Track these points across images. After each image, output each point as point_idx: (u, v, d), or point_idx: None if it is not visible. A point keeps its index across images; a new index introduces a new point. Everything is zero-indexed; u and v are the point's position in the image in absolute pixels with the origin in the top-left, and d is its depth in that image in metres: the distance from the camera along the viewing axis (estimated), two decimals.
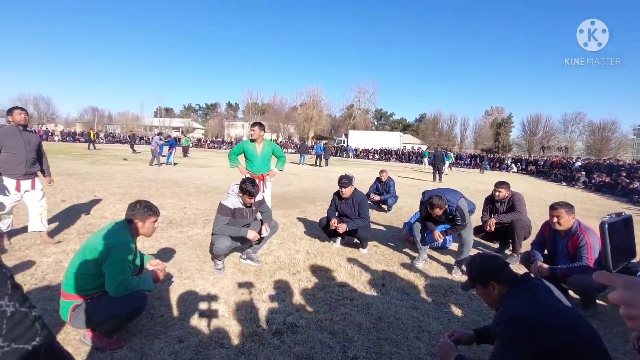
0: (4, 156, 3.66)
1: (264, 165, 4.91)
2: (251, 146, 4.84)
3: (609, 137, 44.30)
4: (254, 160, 4.83)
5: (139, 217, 2.36)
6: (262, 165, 4.88)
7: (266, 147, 4.89)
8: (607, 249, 0.59)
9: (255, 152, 4.82)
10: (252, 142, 4.85)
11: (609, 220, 0.60)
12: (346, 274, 3.66)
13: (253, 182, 3.49)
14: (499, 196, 4.63)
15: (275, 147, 5.09)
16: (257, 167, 4.85)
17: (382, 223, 6.18)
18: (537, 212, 7.87)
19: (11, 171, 3.69)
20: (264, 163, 4.90)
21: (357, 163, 28.93)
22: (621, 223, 0.61)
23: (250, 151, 4.83)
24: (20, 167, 3.73)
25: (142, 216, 2.36)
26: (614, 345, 2.49)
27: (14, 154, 3.69)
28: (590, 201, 11.71)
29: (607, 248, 0.59)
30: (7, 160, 3.67)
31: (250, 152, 4.83)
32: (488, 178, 18.80)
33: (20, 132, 3.74)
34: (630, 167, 16.86)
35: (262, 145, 4.87)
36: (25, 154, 3.75)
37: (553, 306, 1.41)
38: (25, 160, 3.75)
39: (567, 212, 3.12)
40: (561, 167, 22.54)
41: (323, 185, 11.21)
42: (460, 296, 3.26)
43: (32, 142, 3.86)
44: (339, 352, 2.27)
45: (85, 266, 2.13)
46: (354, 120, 58.62)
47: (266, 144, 4.92)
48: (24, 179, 3.78)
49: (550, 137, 49.26)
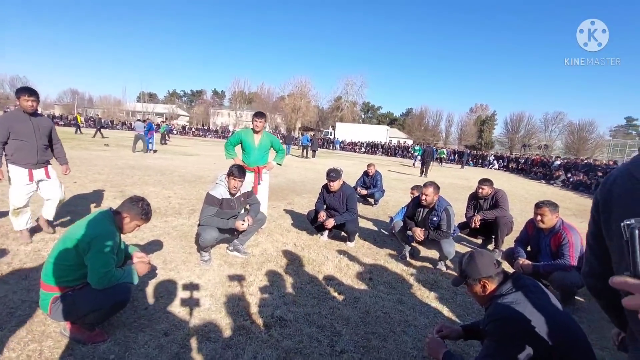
0: (13, 143, 3.37)
1: (261, 158, 4.61)
2: (249, 136, 4.52)
3: (586, 137, 45.81)
4: (251, 151, 4.52)
5: (131, 215, 2.28)
6: (259, 157, 4.58)
7: (264, 139, 4.58)
8: (637, 253, 0.57)
9: (252, 143, 4.51)
10: (251, 132, 4.55)
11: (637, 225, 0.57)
12: (334, 267, 3.66)
13: (240, 167, 3.46)
14: (482, 193, 4.72)
15: (274, 139, 4.79)
16: (254, 159, 4.54)
17: (369, 217, 6.21)
18: (518, 210, 8.09)
19: (22, 160, 3.42)
20: (261, 155, 4.60)
21: (344, 156, 28.97)
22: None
23: (247, 142, 4.51)
24: (32, 155, 3.45)
25: (135, 215, 2.29)
26: (591, 340, 2.57)
27: (24, 142, 3.40)
28: (568, 199, 12.12)
29: (638, 252, 0.57)
30: (16, 148, 3.39)
31: (247, 143, 4.52)
32: (470, 174, 19.18)
33: (29, 117, 3.43)
34: (606, 167, 17.51)
35: (261, 137, 4.58)
36: (36, 141, 3.47)
37: (544, 308, 1.44)
38: (36, 148, 3.48)
39: (551, 211, 3.21)
40: (541, 165, 23.20)
41: (310, 177, 11.17)
42: (446, 290, 3.32)
43: (43, 127, 3.56)
44: (327, 346, 2.27)
45: (66, 256, 2.04)
46: (341, 112, 58.48)
47: (265, 136, 4.61)
48: (36, 167, 3.52)
49: (531, 136, 50.52)
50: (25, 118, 3.41)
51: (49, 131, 3.65)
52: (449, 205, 3.84)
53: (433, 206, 3.88)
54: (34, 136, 3.46)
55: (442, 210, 3.79)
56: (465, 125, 56.98)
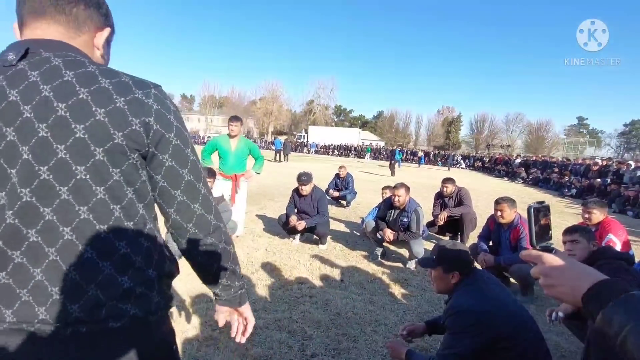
0: None
1: (238, 164, 4.37)
2: (224, 141, 4.28)
3: (544, 136, 48.91)
4: (227, 157, 4.29)
5: None
6: (236, 163, 4.34)
7: (241, 144, 4.36)
8: (532, 228, 0.70)
9: (229, 148, 4.27)
10: (227, 137, 4.32)
11: (535, 205, 0.72)
12: (305, 270, 3.65)
13: (209, 169, 3.41)
14: (446, 191, 4.91)
15: (252, 145, 4.56)
16: (230, 166, 4.31)
17: (341, 219, 6.26)
18: (483, 206, 8.45)
19: None
20: (238, 161, 4.36)
21: (317, 159, 29.09)
22: (543, 209, 0.73)
23: (223, 147, 4.27)
24: None
25: None
26: (548, 327, 2.75)
27: None
28: (528, 195, 12.83)
29: (532, 227, 0.70)
30: None
31: (223, 149, 4.28)
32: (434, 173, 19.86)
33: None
34: (561, 163, 18.74)
35: (237, 141, 4.34)
36: None
37: (497, 297, 1.52)
38: None
39: (509, 207, 3.38)
40: (503, 163, 24.42)
41: (282, 181, 11.11)
42: (415, 288, 3.40)
43: None
44: (297, 351, 2.26)
45: None
46: (314, 116, 58.77)
47: (241, 141, 4.39)
48: None
49: (495, 136, 53.21)
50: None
51: None
52: (418, 207, 3.95)
53: (404, 207, 3.98)
54: None
55: (412, 212, 3.90)
56: (434, 126, 59.02)
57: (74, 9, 0.72)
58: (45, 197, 0.64)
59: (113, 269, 0.68)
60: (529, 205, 0.72)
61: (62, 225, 0.65)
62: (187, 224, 0.79)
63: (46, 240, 0.64)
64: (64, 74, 0.66)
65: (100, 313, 0.66)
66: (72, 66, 0.67)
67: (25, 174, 0.63)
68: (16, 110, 0.63)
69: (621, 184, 11.72)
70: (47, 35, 0.70)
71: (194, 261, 0.85)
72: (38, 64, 0.65)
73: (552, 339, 2.56)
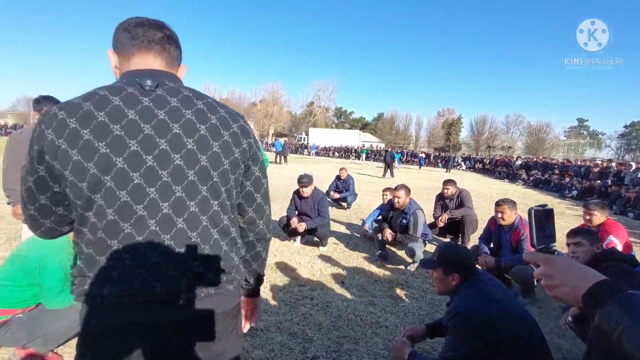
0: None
1: None
2: None
3: (544, 138, 48.88)
4: None
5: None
6: None
7: None
8: (533, 229, 0.73)
9: None
10: None
11: (536, 208, 0.75)
12: (306, 272, 3.65)
13: None
14: (447, 193, 4.91)
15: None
16: None
17: (342, 220, 6.26)
18: (483, 208, 8.44)
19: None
20: None
21: (318, 161, 29.09)
22: (546, 212, 0.76)
23: None
24: None
25: None
26: (550, 329, 2.75)
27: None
28: (529, 197, 12.82)
29: (533, 229, 0.73)
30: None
31: None
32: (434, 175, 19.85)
33: None
34: (562, 165, 18.73)
35: None
36: None
37: (499, 300, 1.52)
38: None
39: (510, 208, 3.38)
40: (504, 165, 24.41)
41: (283, 182, 11.11)
42: (416, 290, 3.40)
43: None
44: (298, 354, 2.26)
45: (15, 276, 1.91)
46: (314, 117, 58.82)
47: None
48: None
49: (495, 137, 53.19)
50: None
51: None
52: (418, 209, 3.95)
53: (404, 209, 3.99)
54: None
55: (411, 214, 3.90)
56: (434, 128, 59.03)
57: (170, 48, 0.93)
58: (191, 193, 0.84)
59: (227, 247, 0.92)
60: (530, 208, 0.75)
61: (201, 215, 0.86)
62: (259, 221, 1.05)
63: (190, 226, 0.85)
64: (196, 102, 0.88)
65: (222, 279, 0.89)
66: (199, 97, 0.90)
67: (177, 175, 0.83)
68: (166, 126, 0.82)
69: (622, 185, 11.70)
70: (154, 66, 0.90)
71: (254, 250, 1.08)
72: (173, 92, 0.86)
73: (553, 341, 2.56)
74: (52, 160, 0.77)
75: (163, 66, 0.92)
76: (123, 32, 0.89)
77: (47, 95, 2.73)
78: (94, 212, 0.78)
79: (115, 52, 0.91)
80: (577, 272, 0.64)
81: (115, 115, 0.78)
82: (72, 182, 0.78)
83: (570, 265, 0.66)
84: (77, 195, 0.79)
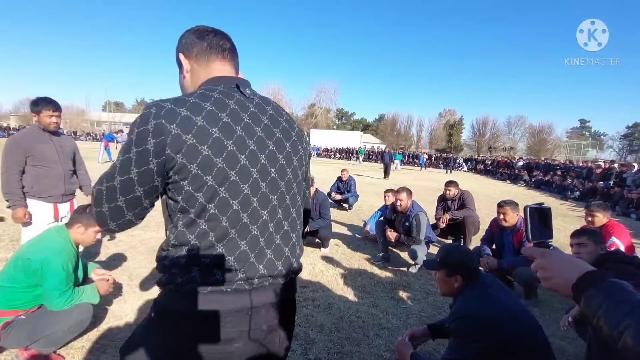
0: (33, 171, 2.60)
1: None
2: None
3: (546, 139, 48.75)
4: None
5: (84, 223, 2.14)
6: None
7: None
8: (528, 224, 0.77)
9: None
10: None
11: (532, 205, 0.79)
12: (308, 274, 3.65)
13: None
14: (449, 195, 4.90)
15: None
16: None
17: (343, 222, 6.26)
18: (486, 209, 8.42)
19: (45, 192, 2.66)
20: None
21: (319, 162, 29.09)
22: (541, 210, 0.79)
23: None
24: (57, 185, 2.73)
25: (88, 222, 2.13)
26: (552, 331, 2.73)
27: (47, 168, 2.65)
28: (531, 198, 12.77)
29: (528, 224, 0.77)
30: (37, 177, 2.62)
31: None
32: (435, 176, 19.82)
33: (50, 136, 2.70)
34: (564, 166, 18.67)
35: None
36: (61, 167, 2.74)
37: (502, 302, 1.51)
38: (62, 175, 2.75)
39: (512, 210, 3.37)
40: (506, 166, 24.37)
41: None
42: (418, 291, 3.39)
43: (67, 148, 2.84)
44: (300, 355, 2.25)
45: (17, 278, 1.91)
46: (315, 119, 58.86)
47: None
48: (62, 201, 2.80)
49: (497, 139, 53.10)
50: (46, 138, 2.67)
51: (73, 153, 2.93)
52: (421, 212, 3.94)
53: (406, 211, 3.99)
54: (58, 161, 2.72)
55: (413, 217, 3.90)
56: (435, 129, 58.97)
57: (236, 58, 1.03)
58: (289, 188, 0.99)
59: (295, 239, 1.02)
60: (526, 205, 0.80)
61: (292, 207, 1.00)
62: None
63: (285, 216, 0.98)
64: (282, 112, 1.01)
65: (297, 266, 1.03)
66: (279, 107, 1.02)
67: (280, 173, 0.95)
68: (270, 130, 0.94)
69: (624, 186, 11.65)
70: (232, 73, 0.99)
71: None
72: (265, 101, 0.99)
73: (556, 343, 2.54)
74: (174, 154, 0.79)
75: (235, 73, 1.01)
76: (197, 39, 0.96)
77: (44, 97, 2.68)
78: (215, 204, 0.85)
79: (187, 57, 0.97)
80: (570, 264, 0.68)
81: (235, 117, 0.87)
82: (196, 175, 0.81)
83: (564, 257, 0.70)
84: (197, 187, 0.82)
